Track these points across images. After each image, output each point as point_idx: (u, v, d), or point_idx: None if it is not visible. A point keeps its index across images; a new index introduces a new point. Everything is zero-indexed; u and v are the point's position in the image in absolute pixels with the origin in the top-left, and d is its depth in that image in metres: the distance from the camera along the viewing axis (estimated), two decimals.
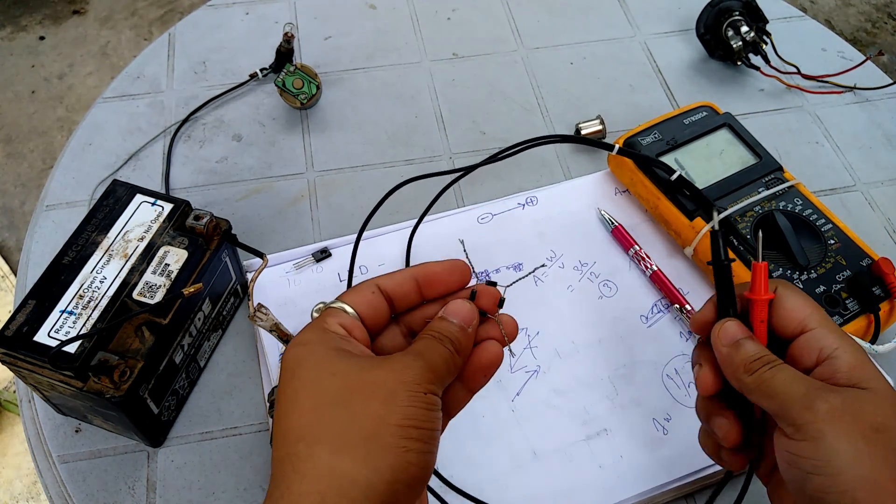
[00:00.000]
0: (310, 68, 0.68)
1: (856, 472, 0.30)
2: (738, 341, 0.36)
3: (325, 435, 0.29)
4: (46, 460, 0.51)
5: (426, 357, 0.32)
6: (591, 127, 0.69)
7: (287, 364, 0.33)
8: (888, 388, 0.33)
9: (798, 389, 0.33)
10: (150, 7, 2.05)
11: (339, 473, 0.28)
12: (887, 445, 0.30)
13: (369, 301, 0.36)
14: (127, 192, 0.52)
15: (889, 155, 0.70)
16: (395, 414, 0.30)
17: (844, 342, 0.35)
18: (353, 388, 0.30)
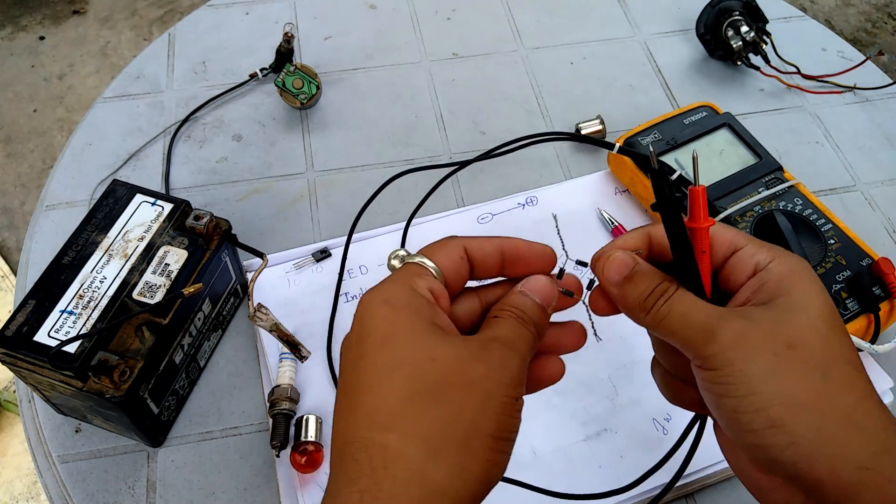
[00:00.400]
0: (310, 68, 0.68)
1: (768, 389, 0.28)
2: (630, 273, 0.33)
3: (419, 432, 0.27)
4: (46, 460, 0.51)
5: (519, 349, 0.30)
6: (591, 127, 0.69)
7: (375, 325, 0.30)
8: (815, 297, 0.30)
9: (697, 321, 0.30)
10: (150, 7, 2.05)
11: (431, 482, 0.26)
12: (803, 360, 0.28)
13: (456, 265, 0.32)
14: (127, 192, 0.52)
15: (889, 155, 0.70)
16: (490, 422, 0.28)
17: (779, 254, 0.32)
18: (452, 383, 0.28)
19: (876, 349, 0.52)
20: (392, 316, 0.29)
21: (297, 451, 0.48)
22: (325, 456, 0.48)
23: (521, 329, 0.31)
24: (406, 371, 0.28)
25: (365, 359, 0.29)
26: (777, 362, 0.28)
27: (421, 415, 0.27)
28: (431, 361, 0.28)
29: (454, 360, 0.28)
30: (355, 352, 0.30)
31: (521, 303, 0.32)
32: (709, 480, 0.50)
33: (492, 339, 0.30)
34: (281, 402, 0.49)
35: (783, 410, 0.27)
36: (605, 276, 0.33)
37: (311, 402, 0.51)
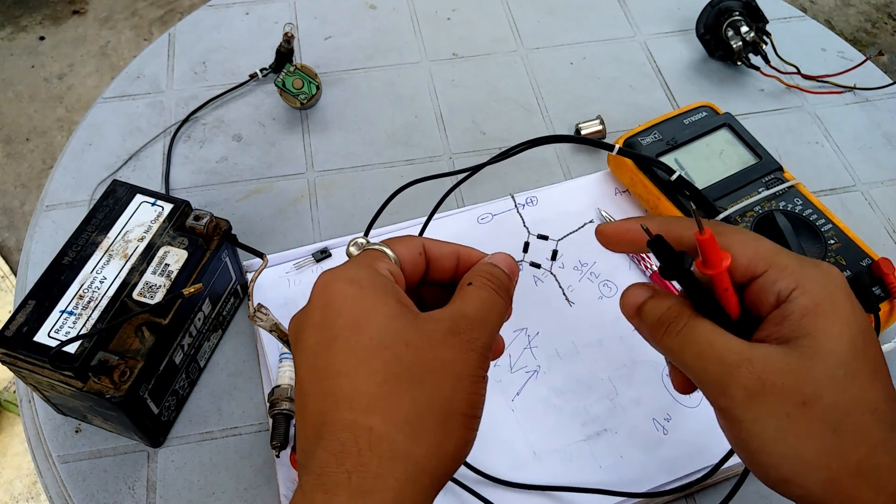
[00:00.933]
0: (310, 68, 0.68)
1: (778, 450, 0.28)
2: (641, 305, 0.33)
3: (401, 414, 0.28)
4: (46, 460, 0.51)
5: (488, 324, 0.31)
6: (591, 127, 0.69)
7: (344, 306, 0.29)
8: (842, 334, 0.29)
9: (711, 367, 0.29)
10: (150, 7, 2.05)
11: (413, 460, 0.27)
12: (814, 418, 0.28)
13: (414, 258, 0.33)
14: (127, 192, 0.52)
15: (889, 155, 0.70)
16: (463, 402, 0.29)
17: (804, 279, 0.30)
18: (426, 366, 0.28)
19: None
20: (360, 296, 0.30)
21: (296, 451, 0.48)
22: None
23: (494, 299, 0.32)
24: (384, 355, 0.28)
25: (338, 340, 0.29)
26: (788, 423, 0.28)
27: (400, 397, 0.28)
28: (405, 345, 0.29)
29: (427, 343, 0.29)
30: (324, 333, 0.29)
31: (492, 271, 0.33)
32: (709, 481, 0.50)
33: (461, 317, 0.30)
34: (281, 402, 0.49)
35: (794, 468, 0.28)
36: (625, 312, 0.35)
37: None
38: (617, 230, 0.35)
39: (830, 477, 0.27)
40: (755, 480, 0.51)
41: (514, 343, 0.54)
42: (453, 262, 0.34)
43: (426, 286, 0.35)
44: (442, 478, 0.28)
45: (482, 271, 0.33)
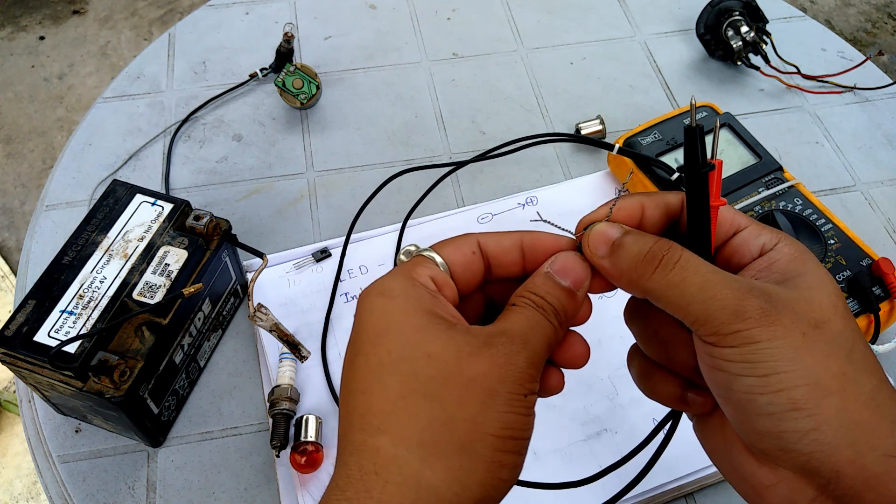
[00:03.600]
0: (310, 68, 0.68)
1: (793, 369, 0.26)
2: (619, 240, 0.30)
3: (413, 434, 0.25)
4: (46, 460, 0.51)
5: (531, 343, 0.28)
6: (591, 127, 0.69)
7: (370, 319, 0.28)
8: (827, 278, 0.28)
9: (720, 294, 0.27)
10: (150, 7, 2.05)
11: (427, 486, 0.25)
12: (827, 340, 0.26)
13: (467, 260, 0.30)
14: (127, 192, 0.52)
15: (889, 155, 0.70)
16: (494, 422, 0.26)
17: (784, 237, 0.30)
18: (449, 380, 0.26)
19: (876, 349, 0.52)
20: (387, 308, 0.28)
21: (296, 451, 0.48)
22: (325, 456, 0.48)
23: (537, 319, 0.28)
24: (400, 368, 0.26)
25: (360, 357, 0.27)
26: (804, 342, 0.26)
27: (414, 414, 0.26)
28: (427, 357, 0.26)
29: (453, 355, 0.26)
30: (352, 350, 0.28)
31: (543, 288, 0.29)
32: (709, 480, 0.50)
33: (500, 333, 0.28)
34: (281, 402, 0.49)
35: (807, 392, 0.25)
36: (592, 250, 0.30)
37: (311, 402, 0.51)
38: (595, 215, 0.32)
39: (844, 405, 0.25)
40: None
41: None
42: (517, 254, 0.31)
43: (496, 284, 0.32)
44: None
45: (528, 289, 0.30)
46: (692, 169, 0.29)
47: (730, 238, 0.31)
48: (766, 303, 0.27)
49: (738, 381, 0.27)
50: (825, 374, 0.26)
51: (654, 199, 0.32)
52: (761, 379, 0.26)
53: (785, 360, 0.26)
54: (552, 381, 0.31)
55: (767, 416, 0.26)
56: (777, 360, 0.26)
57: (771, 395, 0.26)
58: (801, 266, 0.29)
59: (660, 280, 0.28)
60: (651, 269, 0.28)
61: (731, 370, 0.27)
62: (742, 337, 0.26)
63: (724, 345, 0.27)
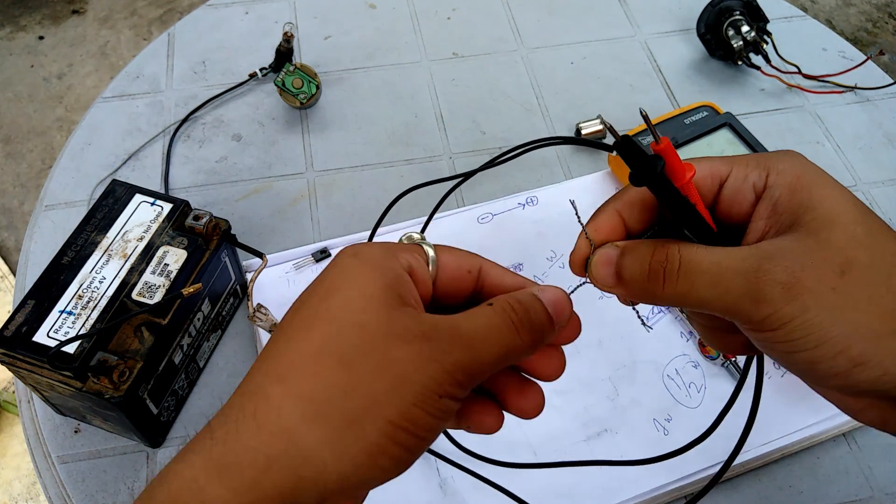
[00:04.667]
0: (309, 68, 0.68)
1: (839, 332, 0.25)
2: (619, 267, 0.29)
3: (307, 391, 0.24)
4: (46, 461, 0.51)
5: (477, 350, 0.26)
6: (592, 127, 0.68)
7: (331, 273, 0.27)
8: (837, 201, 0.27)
9: (732, 285, 0.26)
10: (149, 7, 2.05)
11: (298, 445, 0.23)
12: (861, 283, 0.25)
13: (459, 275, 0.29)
14: (126, 191, 0.52)
15: (889, 155, 0.70)
16: (394, 408, 0.24)
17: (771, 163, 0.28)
18: (369, 355, 0.25)
19: None
20: (350, 267, 0.27)
21: None
22: None
23: (502, 326, 0.26)
24: (328, 329, 0.25)
25: (303, 306, 0.26)
26: (837, 298, 0.25)
27: (318, 374, 0.24)
28: (359, 327, 0.25)
29: (385, 333, 0.25)
30: (301, 297, 0.27)
31: (525, 301, 0.28)
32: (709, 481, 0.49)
33: (448, 327, 0.26)
34: None
35: (862, 346, 0.25)
36: (602, 284, 0.30)
37: None
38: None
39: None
40: (756, 481, 0.51)
41: None
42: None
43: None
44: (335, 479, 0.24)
45: (512, 296, 0.28)
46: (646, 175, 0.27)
47: (717, 194, 0.30)
48: (783, 273, 0.25)
49: (793, 357, 0.26)
50: (873, 320, 0.25)
51: (624, 200, 0.31)
52: (813, 351, 0.25)
53: (827, 325, 0.25)
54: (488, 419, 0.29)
55: (835, 377, 0.26)
56: (819, 328, 0.25)
57: (829, 360, 0.25)
58: (804, 196, 0.27)
59: (671, 292, 0.28)
60: (659, 284, 0.28)
61: (782, 349, 0.26)
62: (773, 320, 0.26)
63: (763, 329, 0.26)
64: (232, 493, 0.23)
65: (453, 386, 0.25)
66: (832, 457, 0.52)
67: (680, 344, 0.55)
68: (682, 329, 0.55)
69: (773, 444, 0.50)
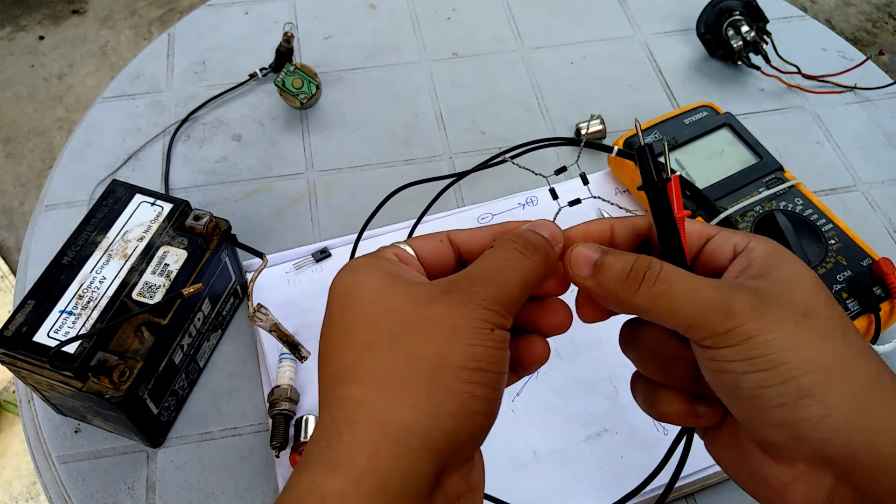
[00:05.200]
0: (309, 68, 0.68)
1: (796, 357, 0.26)
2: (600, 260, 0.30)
3: (378, 377, 0.26)
4: (46, 461, 0.51)
5: (497, 281, 0.28)
6: (592, 127, 0.69)
7: (336, 294, 0.29)
8: (805, 270, 0.29)
9: (706, 296, 0.27)
10: (149, 7, 2.05)
11: (396, 421, 0.25)
12: (819, 327, 0.27)
13: (434, 247, 0.32)
14: (126, 191, 0.52)
15: (889, 155, 0.70)
16: (458, 353, 0.26)
17: (754, 237, 0.31)
18: (411, 324, 0.27)
19: (877, 349, 0.52)
20: (351, 279, 0.29)
21: (296, 451, 0.48)
22: None
23: (510, 256, 0.29)
24: (364, 325, 0.28)
25: (331, 326, 0.29)
26: (798, 330, 0.26)
27: (378, 359, 0.27)
28: (389, 311, 0.27)
29: (412, 304, 0.28)
30: (325, 325, 0.29)
31: (523, 233, 0.30)
32: (709, 481, 0.50)
33: (461, 278, 0.28)
34: (281, 402, 0.49)
35: (814, 378, 0.25)
36: (575, 273, 0.31)
37: (311, 403, 0.51)
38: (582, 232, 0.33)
39: (850, 388, 0.26)
40: None
41: None
42: (488, 241, 0.32)
43: None
44: (443, 439, 0.26)
45: (510, 234, 0.30)
46: (651, 184, 0.30)
47: (702, 247, 0.32)
48: (753, 297, 0.27)
49: (743, 378, 0.26)
50: (828, 358, 0.26)
51: (622, 221, 0.33)
52: (766, 373, 0.26)
53: (786, 350, 0.26)
54: (536, 349, 0.32)
55: (779, 408, 0.26)
56: (777, 350, 0.26)
57: (779, 386, 0.26)
58: (778, 260, 0.29)
59: (645, 294, 0.29)
60: (636, 284, 0.29)
61: (735, 369, 0.27)
62: (737, 334, 0.26)
63: (722, 345, 0.27)
64: (349, 484, 0.24)
65: (496, 316, 0.27)
66: None
67: None
68: None
69: None
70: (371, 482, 0.24)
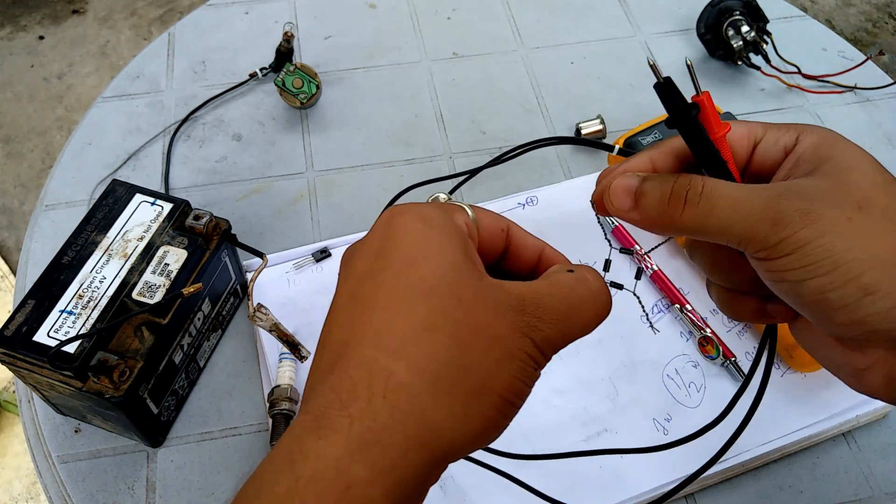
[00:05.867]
0: (309, 68, 0.68)
1: (853, 257, 0.25)
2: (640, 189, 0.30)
3: (431, 368, 0.25)
4: (46, 461, 0.51)
5: (561, 326, 0.27)
6: (592, 127, 0.69)
7: (406, 239, 0.27)
8: (860, 155, 0.28)
9: (753, 208, 0.27)
10: (149, 7, 2.05)
11: (431, 421, 0.24)
12: (877, 218, 0.26)
13: (494, 233, 0.30)
14: (126, 191, 0.52)
15: (889, 155, 0.70)
16: (503, 381, 0.26)
17: (804, 128, 0.30)
18: (475, 330, 0.25)
19: None
20: (426, 234, 0.27)
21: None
22: None
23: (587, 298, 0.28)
24: (431, 302, 0.25)
25: (387, 272, 0.26)
26: (853, 227, 0.26)
27: (436, 350, 0.25)
28: (458, 300, 0.26)
29: (482, 307, 0.26)
30: (375, 263, 0.27)
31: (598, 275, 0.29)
32: (709, 481, 0.50)
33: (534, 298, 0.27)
34: (281, 402, 0.49)
35: (874, 275, 0.25)
36: (617, 207, 0.30)
37: None
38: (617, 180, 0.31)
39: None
40: (755, 480, 0.51)
41: None
42: (535, 256, 0.32)
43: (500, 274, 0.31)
44: (455, 453, 0.25)
45: (587, 268, 0.29)
46: (680, 118, 0.29)
47: (751, 154, 0.31)
48: (802, 201, 0.26)
49: (803, 286, 0.27)
50: (886, 250, 0.26)
51: (660, 149, 0.32)
52: (825, 277, 0.26)
53: (841, 251, 0.26)
54: None
55: (844, 308, 0.26)
56: (833, 253, 0.26)
57: (840, 288, 0.26)
58: (828, 150, 0.28)
59: (691, 216, 0.28)
60: (679, 208, 0.28)
61: (793, 278, 0.27)
62: (790, 243, 0.26)
63: (776, 256, 0.27)
64: (375, 475, 0.23)
65: (543, 359, 0.27)
66: (832, 457, 0.52)
67: (680, 344, 0.55)
68: (682, 329, 0.55)
69: (772, 443, 0.50)
70: (393, 479, 0.23)
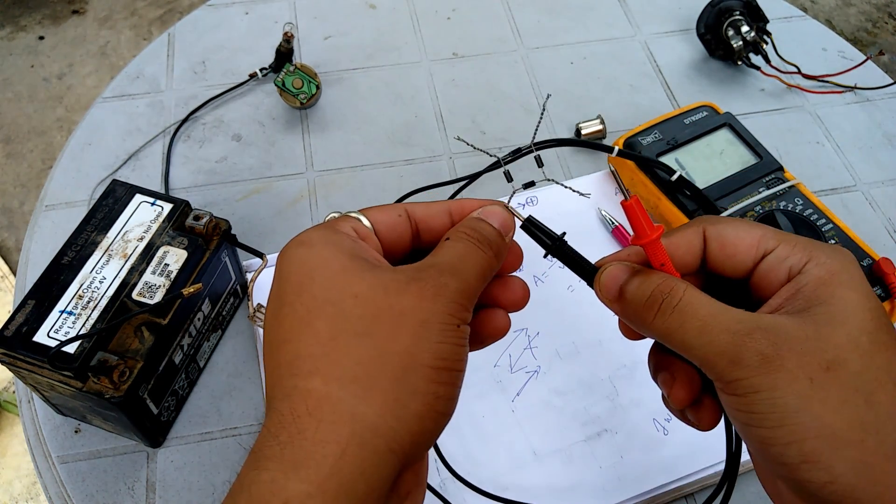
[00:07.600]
0: (309, 68, 0.68)
1: (801, 421, 0.24)
2: (625, 284, 0.29)
3: (346, 372, 0.24)
4: (46, 461, 0.51)
5: (462, 273, 0.27)
6: (592, 127, 0.69)
7: (291, 272, 0.27)
8: (854, 305, 0.26)
9: (718, 339, 0.26)
10: (149, 7, 2.05)
11: (363, 421, 0.24)
12: (842, 384, 0.24)
13: (392, 221, 0.31)
14: (126, 191, 0.52)
15: (889, 155, 0.70)
16: (427, 352, 0.25)
17: (817, 253, 0.28)
18: (379, 316, 0.25)
19: None
20: (307, 255, 0.27)
21: None
22: None
23: (469, 249, 0.29)
24: (327, 311, 0.26)
25: (284, 308, 0.27)
26: (812, 389, 0.24)
27: (346, 353, 0.25)
28: (354, 297, 0.26)
29: (381, 292, 0.26)
30: (275, 303, 0.27)
31: (478, 226, 0.30)
32: (709, 480, 0.50)
33: (428, 266, 0.27)
34: None
35: (820, 444, 0.24)
36: (604, 295, 0.31)
37: None
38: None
39: (863, 458, 0.24)
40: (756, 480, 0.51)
41: (515, 343, 0.54)
42: (446, 219, 0.31)
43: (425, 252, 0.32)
44: (407, 440, 0.25)
45: (464, 225, 0.30)
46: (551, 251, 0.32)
47: (758, 263, 0.30)
48: (768, 346, 0.25)
49: (749, 430, 0.26)
50: (839, 423, 0.24)
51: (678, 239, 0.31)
52: (768, 430, 0.25)
53: (791, 411, 0.24)
54: (497, 322, 0.32)
55: (782, 466, 0.25)
56: (781, 410, 0.24)
57: (781, 446, 0.25)
58: (826, 292, 0.27)
59: (660, 324, 0.28)
60: (652, 313, 0.28)
61: (741, 419, 0.26)
62: (742, 386, 0.25)
63: (728, 392, 0.26)
64: (313, 486, 0.23)
65: (462, 311, 0.27)
66: None
67: None
68: None
69: None
70: (335, 485, 0.23)
